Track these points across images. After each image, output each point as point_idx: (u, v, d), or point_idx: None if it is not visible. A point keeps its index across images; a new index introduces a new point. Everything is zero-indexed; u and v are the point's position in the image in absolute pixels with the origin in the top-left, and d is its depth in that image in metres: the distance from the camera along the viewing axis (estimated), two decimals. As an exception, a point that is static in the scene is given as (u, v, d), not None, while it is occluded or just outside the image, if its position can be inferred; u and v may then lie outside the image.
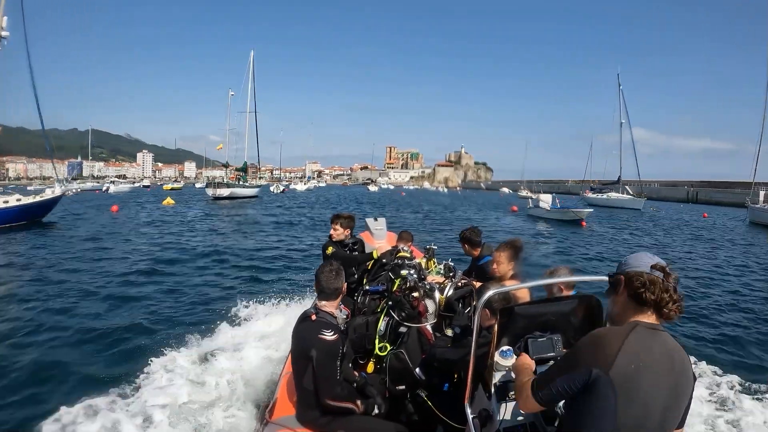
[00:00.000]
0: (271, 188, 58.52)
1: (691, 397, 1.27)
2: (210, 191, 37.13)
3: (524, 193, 58.72)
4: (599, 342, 1.22)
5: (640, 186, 41.23)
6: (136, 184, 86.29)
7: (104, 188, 56.21)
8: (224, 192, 36.50)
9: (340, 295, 2.28)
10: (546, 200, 23.82)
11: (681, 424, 1.29)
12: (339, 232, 3.71)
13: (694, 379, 1.29)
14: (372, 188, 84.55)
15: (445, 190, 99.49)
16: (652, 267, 1.27)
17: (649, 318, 1.25)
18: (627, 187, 44.01)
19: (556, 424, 1.58)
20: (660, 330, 1.25)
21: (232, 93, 47.97)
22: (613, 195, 40.10)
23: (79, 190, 51.35)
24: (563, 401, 1.39)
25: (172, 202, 29.69)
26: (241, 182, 42.87)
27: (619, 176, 43.49)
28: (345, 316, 2.30)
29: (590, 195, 41.97)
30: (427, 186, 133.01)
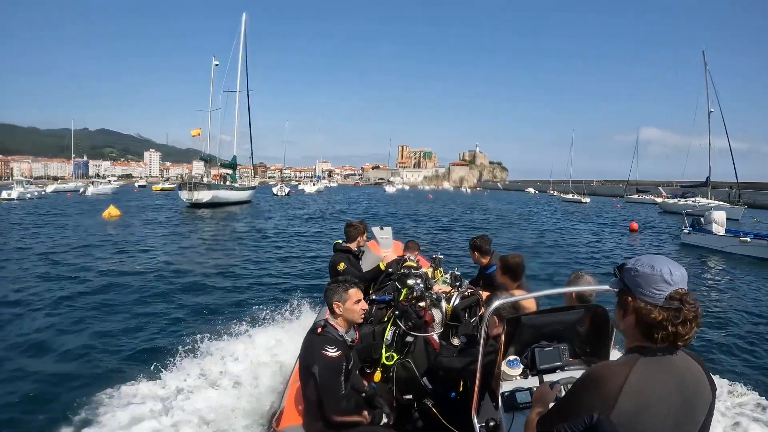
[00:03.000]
0: (274, 190, 52.24)
1: (712, 407, 1.20)
2: (184, 195, 28.26)
3: (569, 195, 52.71)
4: (599, 383, 1.14)
5: (738, 190, 32.76)
6: (136, 184, 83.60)
7: (80, 190, 48.27)
8: (204, 196, 28.11)
9: None
10: (720, 220, 14.52)
11: None
12: (362, 241, 3.81)
13: (714, 391, 1.19)
14: (389, 189, 79.59)
15: (468, 190, 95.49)
16: (669, 297, 1.11)
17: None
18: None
19: None
20: (668, 354, 1.15)
21: (216, 63, 37.01)
22: (702, 201, 31.66)
23: (42, 192, 42.74)
24: None
25: (117, 213, 21.48)
26: (228, 182, 34.14)
27: (708, 177, 34.87)
28: (351, 341, 2.31)
29: (671, 201, 34.07)
30: (446, 186, 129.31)
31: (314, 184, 68.75)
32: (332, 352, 2.13)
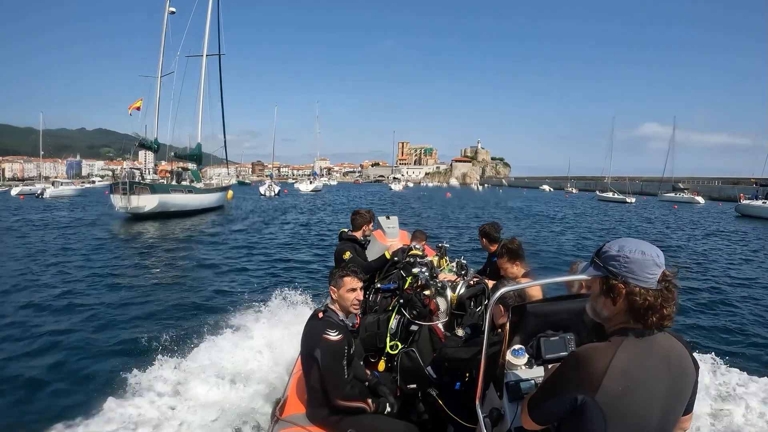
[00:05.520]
0: (261, 189, 45.30)
1: (696, 385, 1.25)
2: (117, 201, 18.95)
3: (610, 194, 47.45)
4: (583, 364, 1.16)
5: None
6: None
7: (38, 192, 41.15)
8: (147, 203, 19.15)
9: None
10: None
11: (688, 411, 1.29)
12: (368, 230, 3.84)
13: (697, 368, 1.25)
14: (395, 186, 72.23)
15: (480, 188, 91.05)
16: (659, 281, 1.15)
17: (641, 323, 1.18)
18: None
19: None
20: (652, 334, 1.18)
21: (172, 10, 26.42)
22: None
23: None
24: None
25: None
26: (187, 181, 24.51)
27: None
28: (351, 325, 2.34)
29: (755, 203, 28.93)
30: (454, 183, 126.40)
31: (311, 182, 61.05)
32: (333, 335, 2.16)
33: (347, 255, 3.46)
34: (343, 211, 25.74)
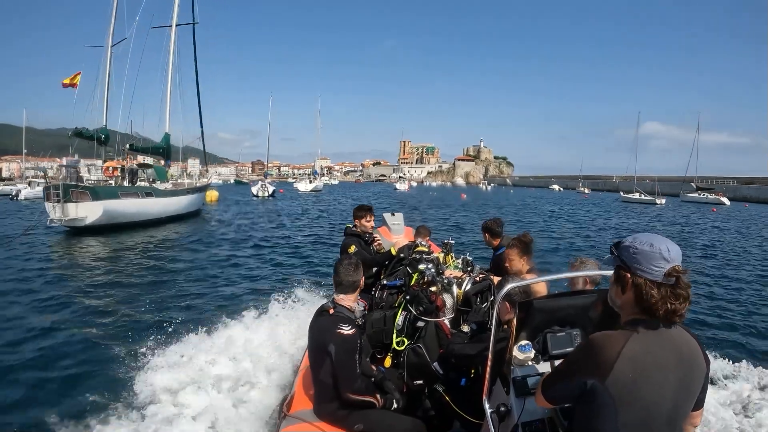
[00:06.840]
0: (254, 189, 41.48)
1: (706, 380, 1.28)
2: (52, 210, 14.01)
3: (636, 195, 44.38)
4: (595, 351, 1.21)
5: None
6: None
7: (12, 193, 37.68)
8: (88, 212, 14.28)
9: (358, 289, 2.39)
10: None
11: (698, 407, 1.32)
12: (370, 224, 3.88)
13: (707, 362, 1.28)
14: (400, 186, 69.42)
15: (488, 188, 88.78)
16: (667, 274, 1.18)
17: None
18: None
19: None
20: (663, 327, 1.21)
21: None
22: None
23: None
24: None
25: None
26: (146, 181, 19.37)
27: None
28: (362, 308, 2.41)
29: None
30: (459, 182, 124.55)
31: (310, 182, 56.90)
32: (347, 330, 2.19)
33: (352, 248, 3.55)
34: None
